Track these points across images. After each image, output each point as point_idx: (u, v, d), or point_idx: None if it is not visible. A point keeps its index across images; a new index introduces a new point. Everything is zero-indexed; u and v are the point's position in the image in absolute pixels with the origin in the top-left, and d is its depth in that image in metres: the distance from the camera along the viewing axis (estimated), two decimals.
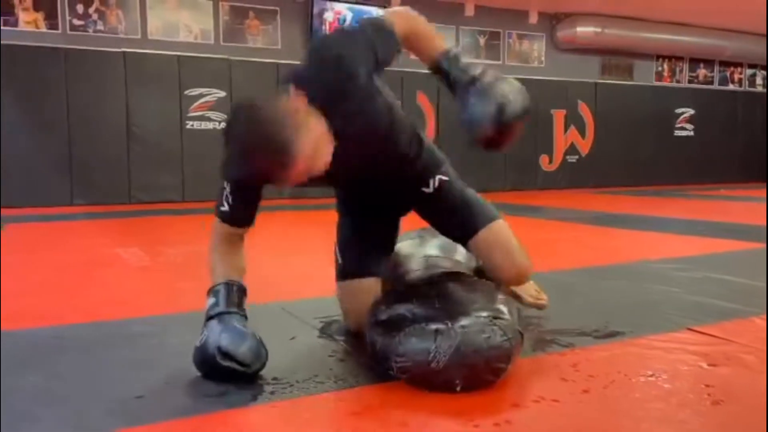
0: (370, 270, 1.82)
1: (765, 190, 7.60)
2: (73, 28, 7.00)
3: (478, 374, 1.40)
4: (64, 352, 1.73)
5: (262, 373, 1.49)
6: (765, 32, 10.26)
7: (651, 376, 1.49)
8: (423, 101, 8.32)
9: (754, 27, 10.14)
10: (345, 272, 1.86)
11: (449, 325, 1.43)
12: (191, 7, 7.54)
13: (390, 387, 1.43)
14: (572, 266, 2.96)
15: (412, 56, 1.64)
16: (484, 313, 1.48)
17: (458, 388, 1.38)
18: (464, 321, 1.45)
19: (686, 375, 1.50)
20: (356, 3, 8.11)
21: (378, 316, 1.58)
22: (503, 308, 1.54)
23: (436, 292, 1.60)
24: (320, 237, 2.22)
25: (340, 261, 1.88)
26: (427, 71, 1.65)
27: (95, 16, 7.09)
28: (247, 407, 1.33)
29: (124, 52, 7.05)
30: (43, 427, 1.25)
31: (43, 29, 6.87)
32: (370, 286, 1.78)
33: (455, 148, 2.09)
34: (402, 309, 1.56)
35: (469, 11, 8.82)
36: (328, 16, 8.10)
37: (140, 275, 2.95)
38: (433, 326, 1.44)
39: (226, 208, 1.58)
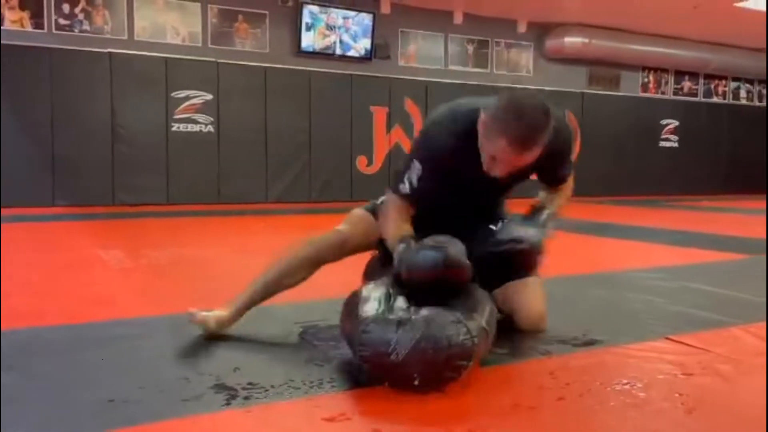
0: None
1: (749, 202, 7.68)
2: (58, 27, 6.95)
3: (437, 370, 1.39)
4: (40, 353, 1.71)
5: (238, 377, 1.49)
6: (749, 46, 10.41)
7: (626, 384, 1.50)
8: (411, 107, 8.33)
9: (739, 41, 10.27)
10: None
11: (412, 317, 1.43)
12: (179, 9, 7.51)
13: (366, 393, 1.42)
14: (554, 274, 2.96)
15: (402, 62, 1.71)
16: (453, 309, 1.49)
17: (416, 383, 1.37)
18: (429, 314, 1.45)
19: (661, 384, 1.51)
20: (345, 8, 8.12)
21: (360, 293, 1.62)
22: (475, 305, 1.55)
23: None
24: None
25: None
26: (412, 77, 1.76)
27: (81, 16, 7.04)
28: (220, 411, 1.32)
29: (110, 53, 7.00)
30: (13, 430, 1.23)
31: (29, 28, 6.82)
32: (374, 230, 1.97)
33: None
34: (382, 287, 1.61)
35: (458, 19, 8.86)
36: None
37: (121, 277, 2.93)
38: (396, 317, 1.45)
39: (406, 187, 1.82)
